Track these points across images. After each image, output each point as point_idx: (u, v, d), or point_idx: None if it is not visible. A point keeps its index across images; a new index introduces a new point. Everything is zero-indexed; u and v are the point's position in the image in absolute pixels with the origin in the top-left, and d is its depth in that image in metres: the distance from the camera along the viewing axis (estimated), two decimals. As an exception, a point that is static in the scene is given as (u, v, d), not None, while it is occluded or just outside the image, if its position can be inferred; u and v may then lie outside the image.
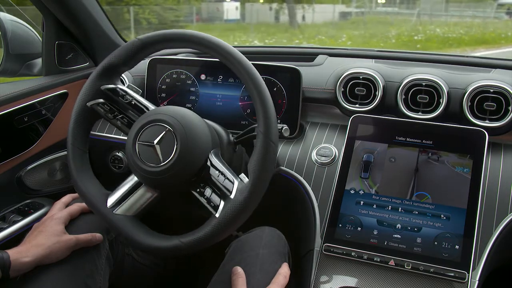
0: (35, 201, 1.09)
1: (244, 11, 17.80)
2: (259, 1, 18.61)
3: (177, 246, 0.72)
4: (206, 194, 0.74)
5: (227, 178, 0.73)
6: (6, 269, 0.73)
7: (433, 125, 0.95)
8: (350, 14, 18.39)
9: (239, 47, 1.41)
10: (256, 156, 0.72)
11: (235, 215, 0.70)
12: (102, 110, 0.82)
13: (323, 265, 0.87)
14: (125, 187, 0.80)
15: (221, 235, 0.71)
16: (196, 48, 0.80)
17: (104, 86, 0.82)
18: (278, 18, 17.76)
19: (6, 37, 1.15)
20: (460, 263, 0.82)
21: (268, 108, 0.73)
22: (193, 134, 0.74)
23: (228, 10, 17.52)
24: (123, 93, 0.83)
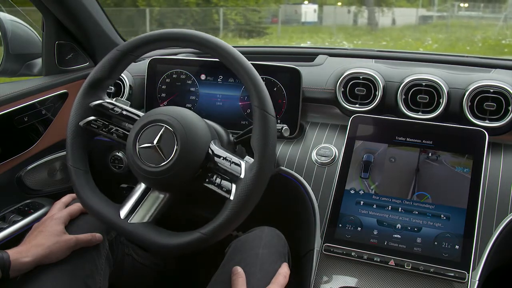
0: (35, 201, 1.09)
1: (322, 14, 17.77)
2: (337, 4, 18.54)
3: (201, 238, 0.71)
4: (216, 182, 0.74)
5: (233, 162, 0.73)
6: (6, 269, 0.73)
7: (433, 125, 0.95)
8: (431, 18, 18.12)
9: (238, 47, 1.41)
10: (257, 131, 0.71)
11: (249, 194, 0.70)
12: (95, 127, 0.82)
13: (323, 265, 0.87)
14: (135, 195, 0.79)
15: (240, 216, 0.71)
16: (179, 45, 0.81)
17: (92, 103, 0.82)
18: (356, 21, 17.65)
19: (6, 37, 1.15)
20: (460, 263, 0.82)
21: (259, 84, 0.73)
22: (193, 134, 0.74)
23: (306, 13, 17.53)
24: (112, 106, 0.82)
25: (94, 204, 0.78)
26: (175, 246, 0.72)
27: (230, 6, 14.01)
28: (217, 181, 0.74)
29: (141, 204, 0.78)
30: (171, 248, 0.73)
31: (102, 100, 0.83)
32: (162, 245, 0.73)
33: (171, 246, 0.73)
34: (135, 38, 0.82)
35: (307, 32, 13.74)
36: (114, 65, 0.82)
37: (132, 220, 0.76)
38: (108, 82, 0.84)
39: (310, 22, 17.24)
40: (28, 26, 1.22)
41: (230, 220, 0.70)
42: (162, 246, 0.73)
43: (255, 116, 0.72)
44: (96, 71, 0.82)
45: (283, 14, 17.21)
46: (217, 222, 0.71)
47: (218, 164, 0.74)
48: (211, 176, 0.75)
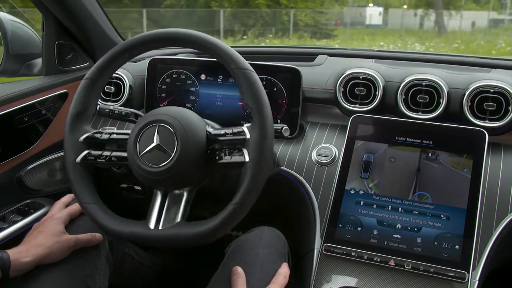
0: (35, 201, 1.09)
1: (387, 17, 17.64)
2: (403, 7, 18.32)
3: (234, 210, 0.70)
4: (226, 155, 0.74)
5: (233, 132, 0.74)
6: (6, 269, 0.73)
7: (433, 125, 0.95)
8: (503, 22, 17.71)
9: (237, 47, 1.41)
10: (246, 91, 0.73)
11: (262, 147, 0.70)
12: (92, 159, 0.80)
13: (323, 265, 0.87)
14: (156, 203, 0.78)
15: (264, 171, 0.71)
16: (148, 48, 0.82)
17: (81, 138, 0.81)
18: (423, 24, 17.44)
19: (6, 37, 1.15)
20: (460, 263, 0.82)
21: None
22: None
23: (371, 15, 17.35)
24: (99, 134, 0.81)
25: (122, 229, 0.76)
26: (213, 229, 0.71)
27: (299, 8, 14.25)
28: (227, 156, 0.74)
29: (165, 208, 0.77)
30: (210, 233, 0.71)
31: (88, 132, 0.82)
32: (200, 234, 0.71)
33: (209, 231, 0.71)
34: (99, 63, 0.81)
35: (371, 35, 13.67)
36: (86, 95, 0.81)
37: (162, 226, 0.75)
38: (89, 113, 0.83)
39: (374, 25, 17.02)
40: (28, 26, 1.22)
41: (255, 179, 0.70)
42: (201, 235, 0.71)
43: (237, 77, 0.73)
44: (72, 106, 0.81)
45: (347, 16, 17.11)
46: (243, 188, 0.70)
47: (221, 141, 0.75)
48: (219, 153, 0.75)
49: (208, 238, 0.71)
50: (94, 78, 0.81)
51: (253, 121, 0.73)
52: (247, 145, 0.72)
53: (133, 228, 0.75)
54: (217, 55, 0.76)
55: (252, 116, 0.73)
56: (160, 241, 0.73)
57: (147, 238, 0.74)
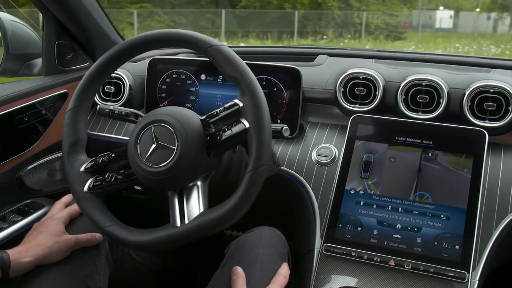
0: (35, 201, 1.09)
1: (458, 20, 17.39)
2: (476, 10, 17.91)
3: (251, 178, 0.69)
4: (226, 130, 0.74)
5: (225, 107, 0.75)
6: (6, 269, 0.73)
7: (433, 125, 0.95)
8: None
9: (237, 47, 1.41)
10: (223, 64, 0.74)
11: (258, 108, 0.71)
12: (99, 184, 0.80)
13: (323, 265, 0.87)
14: (174, 204, 0.76)
15: (267, 133, 0.71)
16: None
17: (81, 168, 0.81)
18: (496, 27, 17.01)
19: (6, 37, 1.15)
20: (460, 263, 0.82)
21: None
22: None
23: (441, 19, 17.03)
24: (98, 159, 0.81)
25: (151, 238, 0.74)
26: (239, 201, 0.70)
27: (371, 10, 14.41)
28: (227, 131, 0.74)
29: (185, 204, 0.76)
30: (237, 207, 0.70)
31: (86, 161, 0.82)
32: (228, 211, 0.70)
33: (235, 206, 0.70)
34: (77, 92, 0.82)
35: (444, 38, 13.47)
36: (73, 125, 0.81)
37: (188, 220, 0.73)
38: (80, 142, 0.83)
39: (445, 28, 16.70)
40: (28, 26, 1.22)
41: (262, 142, 0.70)
42: (229, 213, 0.70)
43: (211, 56, 0.75)
44: (64, 140, 0.81)
45: (416, 19, 16.87)
46: (253, 153, 0.70)
47: (216, 121, 0.75)
48: (219, 133, 0.75)
49: (237, 213, 0.70)
50: (77, 106, 0.81)
51: (241, 89, 0.73)
52: (243, 113, 0.73)
53: (161, 232, 0.73)
54: (188, 42, 0.76)
55: (238, 85, 0.73)
56: (192, 233, 0.72)
57: (178, 237, 0.72)
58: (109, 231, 0.76)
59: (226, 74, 0.74)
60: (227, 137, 0.74)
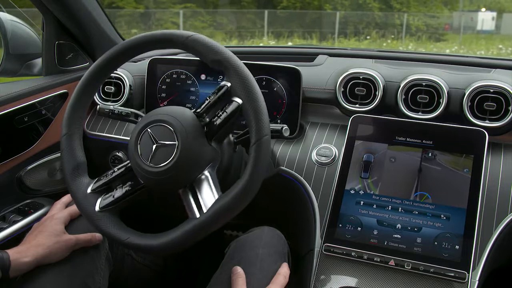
0: (35, 201, 1.09)
1: (500, 22, 17.07)
2: None
3: (257, 151, 0.70)
4: (222, 115, 0.74)
5: (214, 93, 0.76)
6: (6, 269, 0.73)
7: (433, 125, 0.95)
8: None
9: (237, 47, 1.41)
10: (203, 53, 0.75)
11: (245, 80, 0.72)
12: (110, 202, 0.79)
13: (323, 265, 0.87)
14: (189, 199, 0.75)
15: (260, 101, 0.71)
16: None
17: (87, 190, 0.80)
18: None
19: (6, 37, 1.15)
20: (460, 263, 0.82)
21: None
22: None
23: (483, 20, 16.62)
24: (104, 179, 0.80)
25: (175, 237, 0.72)
26: (252, 174, 0.70)
27: (412, 12, 14.42)
28: (221, 114, 0.74)
29: (199, 196, 0.75)
30: (253, 179, 0.70)
31: (91, 183, 0.81)
32: (244, 186, 0.70)
33: (251, 178, 0.70)
34: (67, 112, 0.82)
35: (486, 40, 13.21)
36: (71, 150, 0.81)
37: (206, 209, 0.73)
38: (81, 165, 0.82)
39: (486, 30, 16.25)
40: (28, 26, 1.22)
41: (259, 112, 0.71)
42: (246, 187, 0.70)
43: (190, 48, 0.76)
44: (65, 165, 0.81)
45: (457, 21, 16.67)
46: (253, 128, 0.71)
47: (208, 107, 0.76)
48: (215, 119, 0.75)
49: (253, 187, 0.70)
50: (69, 131, 0.82)
51: (225, 69, 0.73)
52: (233, 92, 0.73)
53: (184, 228, 0.72)
54: (166, 41, 0.78)
55: (222, 67, 0.73)
56: (215, 219, 0.71)
57: (203, 226, 0.71)
58: (131, 242, 0.75)
59: (208, 60, 0.74)
60: (223, 120, 0.74)
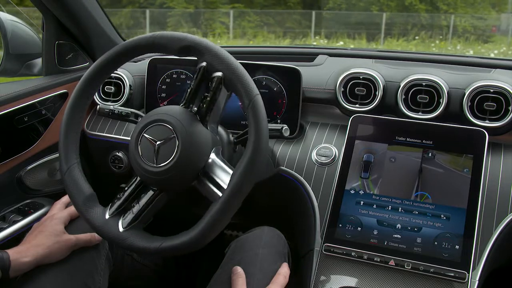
0: (35, 201, 1.09)
1: None
2: None
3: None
4: (208, 98, 0.74)
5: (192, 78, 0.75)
6: (6, 269, 0.73)
7: (433, 125, 0.95)
8: None
9: (237, 47, 1.41)
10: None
11: (222, 55, 0.73)
12: (132, 219, 0.77)
13: (323, 265, 0.87)
14: (207, 184, 0.75)
15: (247, 76, 0.73)
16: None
17: (106, 216, 0.78)
18: None
19: (6, 37, 1.15)
20: (460, 263, 0.82)
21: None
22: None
23: None
24: (117, 201, 0.79)
25: (207, 222, 0.71)
26: (256, 146, 0.70)
27: (459, 13, 14.34)
28: (208, 96, 0.74)
29: (215, 177, 0.74)
30: (256, 152, 0.70)
31: (106, 209, 0.79)
32: (253, 151, 0.70)
33: (256, 150, 0.70)
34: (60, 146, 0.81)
35: None
36: (75, 184, 0.79)
37: (227, 184, 0.72)
38: (91, 197, 0.79)
39: None
40: (28, 26, 1.22)
41: (243, 76, 0.73)
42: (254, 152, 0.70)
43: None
44: (74, 201, 0.79)
45: (505, 24, 16.04)
46: (240, 90, 0.72)
47: (193, 94, 0.75)
48: (202, 102, 0.75)
49: (261, 145, 0.70)
50: (69, 167, 0.80)
51: (195, 51, 0.73)
52: (210, 68, 0.73)
53: (211, 211, 0.71)
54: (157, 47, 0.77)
55: (192, 51, 0.74)
56: (238, 190, 0.70)
57: (228, 201, 0.70)
58: (166, 246, 0.73)
59: (176, 50, 0.75)
60: (209, 100, 0.74)
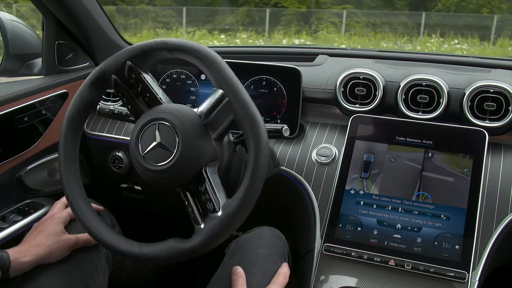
0: (35, 201, 1.09)
1: None
2: None
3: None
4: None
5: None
6: (6, 269, 0.73)
7: (433, 125, 0.95)
8: None
9: (236, 47, 1.41)
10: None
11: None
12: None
13: (323, 265, 0.87)
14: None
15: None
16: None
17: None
18: None
19: (6, 37, 1.15)
20: (460, 263, 0.82)
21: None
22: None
23: None
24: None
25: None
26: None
27: None
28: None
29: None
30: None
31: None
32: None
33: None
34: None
35: None
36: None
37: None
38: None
39: None
40: (28, 26, 1.22)
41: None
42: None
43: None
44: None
45: None
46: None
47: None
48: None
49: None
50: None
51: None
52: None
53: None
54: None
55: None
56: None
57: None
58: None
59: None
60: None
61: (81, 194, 0.80)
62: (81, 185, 0.81)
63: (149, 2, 14.10)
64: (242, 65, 1.11)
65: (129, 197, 1.24)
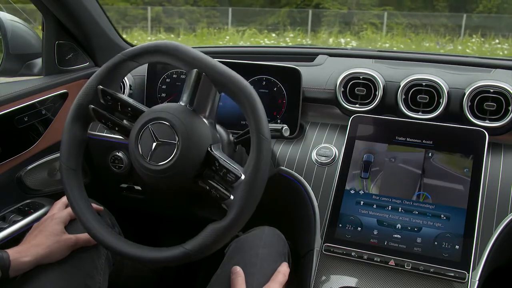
0: (35, 201, 1.09)
1: None
2: None
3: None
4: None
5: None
6: (6, 269, 0.73)
7: (433, 125, 0.95)
8: None
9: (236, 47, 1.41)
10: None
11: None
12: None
13: (323, 265, 0.87)
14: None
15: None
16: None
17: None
18: None
19: (6, 37, 1.15)
20: (460, 263, 0.82)
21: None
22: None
23: None
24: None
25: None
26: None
27: None
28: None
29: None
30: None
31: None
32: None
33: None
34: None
35: None
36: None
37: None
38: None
39: None
40: (28, 26, 1.22)
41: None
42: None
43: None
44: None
45: None
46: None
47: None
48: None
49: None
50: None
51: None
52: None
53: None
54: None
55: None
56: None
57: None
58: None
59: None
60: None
61: (81, 194, 0.80)
62: (81, 185, 0.81)
63: (193, 3, 14.12)
64: (242, 65, 1.11)
65: (129, 197, 1.23)
